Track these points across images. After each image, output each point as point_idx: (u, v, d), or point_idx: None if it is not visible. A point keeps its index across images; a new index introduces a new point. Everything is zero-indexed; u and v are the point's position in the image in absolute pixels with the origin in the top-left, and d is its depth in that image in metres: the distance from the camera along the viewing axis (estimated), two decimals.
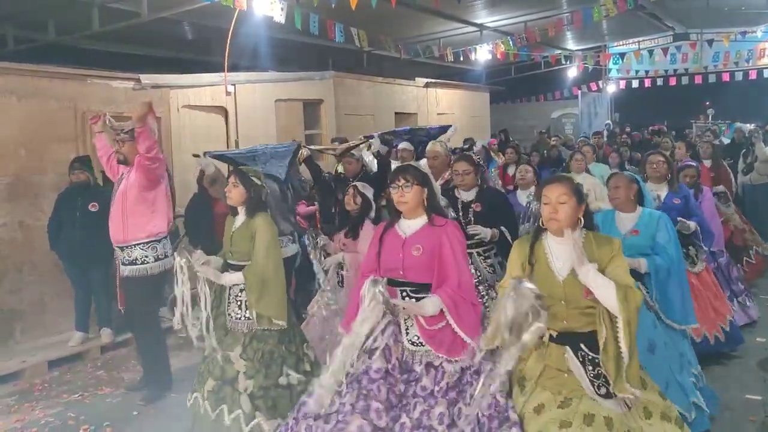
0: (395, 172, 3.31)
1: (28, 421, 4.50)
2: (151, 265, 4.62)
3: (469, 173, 4.54)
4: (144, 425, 4.36)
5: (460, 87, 14.38)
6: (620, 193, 4.00)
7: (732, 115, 16.33)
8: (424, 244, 3.16)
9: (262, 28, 8.71)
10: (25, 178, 6.09)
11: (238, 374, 3.71)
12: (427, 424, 3.01)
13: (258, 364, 3.73)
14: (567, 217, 2.84)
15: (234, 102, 8.25)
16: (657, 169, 4.93)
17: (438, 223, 3.22)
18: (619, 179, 4.08)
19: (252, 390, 3.68)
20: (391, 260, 3.21)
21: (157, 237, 4.66)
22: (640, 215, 3.98)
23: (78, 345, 5.84)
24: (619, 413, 2.74)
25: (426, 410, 3.03)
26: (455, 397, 3.06)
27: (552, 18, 11.62)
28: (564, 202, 2.84)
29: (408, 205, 3.22)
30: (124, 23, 7.82)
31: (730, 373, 4.86)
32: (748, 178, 9.42)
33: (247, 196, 3.88)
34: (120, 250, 4.67)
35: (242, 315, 3.78)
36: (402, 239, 3.22)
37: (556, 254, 2.88)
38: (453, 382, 3.08)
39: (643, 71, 18.62)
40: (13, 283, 5.98)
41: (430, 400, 3.05)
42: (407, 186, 3.20)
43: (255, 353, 3.75)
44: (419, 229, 3.22)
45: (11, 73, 6.04)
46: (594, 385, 2.77)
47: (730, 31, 14.75)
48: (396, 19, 10.38)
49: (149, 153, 4.51)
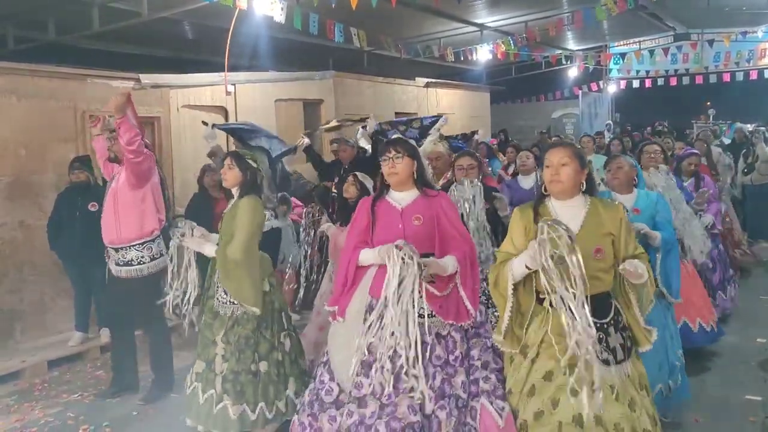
0: (385, 144, 3.34)
1: (27, 421, 4.49)
2: (147, 265, 4.59)
3: (474, 168, 4.53)
4: (143, 425, 4.36)
5: (461, 87, 14.37)
6: (621, 174, 4.02)
7: (733, 116, 16.33)
8: (423, 214, 3.19)
9: (262, 28, 8.71)
10: (25, 178, 6.09)
11: (215, 356, 3.76)
12: (452, 393, 3.06)
13: (234, 348, 3.74)
14: (569, 178, 2.84)
15: (234, 102, 8.25)
16: (654, 158, 4.99)
17: (431, 194, 3.27)
18: (622, 161, 4.10)
19: (225, 373, 3.71)
20: (390, 231, 3.18)
21: (151, 237, 4.61)
22: (637, 196, 4.03)
23: (78, 345, 5.83)
24: (618, 382, 2.78)
25: (446, 379, 3.07)
26: (470, 364, 3.14)
27: (553, 18, 11.61)
28: (566, 164, 2.85)
29: (399, 176, 3.24)
30: (125, 23, 7.82)
31: (730, 374, 4.85)
32: (749, 178, 9.42)
33: (242, 179, 3.88)
34: (114, 251, 4.62)
35: (227, 299, 3.79)
36: (399, 210, 3.23)
37: (561, 215, 2.84)
38: (465, 350, 3.15)
39: (644, 71, 18.60)
40: (13, 282, 5.98)
41: (448, 368, 3.10)
42: (398, 157, 3.22)
43: (234, 337, 3.76)
44: (414, 200, 3.25)
45: (11, 73, 6.03)
46: (595, 351, 2.72)
47: (731, 31, 14.73)
48: (396, 18, 10.37)
49: (131, 145, 4.34)
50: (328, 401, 3.13)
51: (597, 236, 2.81)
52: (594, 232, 2.81)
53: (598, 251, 2.78)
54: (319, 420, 3.09)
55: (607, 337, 2.79)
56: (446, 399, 3.03)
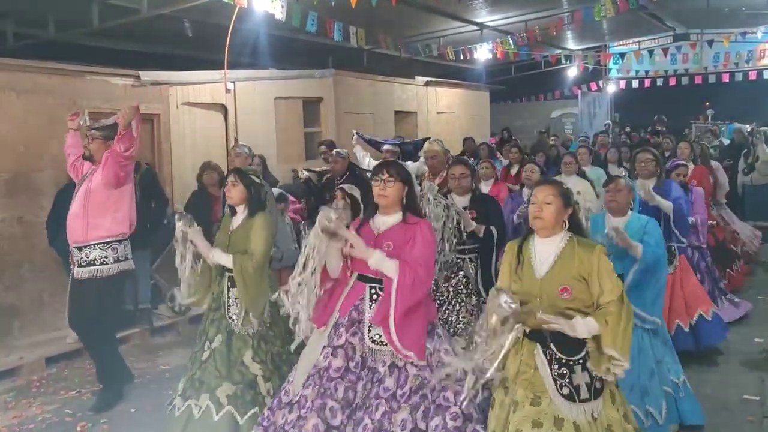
0: (379, 166, 3.31)
1: (25, 418, 4.49)
2: (109, 266, 4.48)
3: (466, 177, 4.53)
4: (140, 422, 4.36)
5: (460, 86, 14.37)
6: (620, 197, 4.04)
7: (732, 116, 16.33)
8: (395, 241, 3.16)
9: (262, 26, 8.70)
10: (25, 175, 6.08)
11: (256, 378, 3.71)
12: (390, 430, 2.99)
13: (272, 366, 3.76)
14: (551, 217, 2.90)
15: (234, 99, 8.24)
16: (646, 167, 5.04)
17: (411, 221, 3.21)
18: (621, 184, 4.11)
19: (274, 392, 3.65)
20: None
21: (117, 237, 4.53)
22: (629, 219, 4.03)
23: (76, 342, 5.78)
24: (584, 421, 2.77)
25: (387, 413, 3.01)
26: (418, 401, 3.04)
27: (552, 17, 11.61)
28: (549, 202, 2.91)
29: (387, 200, 3.21)
30: (124, 20, 7.80)
31: (729, 374, 4.87)
32: (749, 178, 9.43)
33: (246, 195, 3.88)
34: (78, 251, 4.49)
35: (242, 315, 3.79)
36: (374, 235, 3.22)
37: (538, 253, 2.94)
38: (416, 386, 3.07)
39: (643, 71, 18.61)
40: (12, 279, 5.97)
41: (392, 403, 3.04)
42: (390, 181, 3.19)
43: (266, 355, 3.77)
44: (392, 226, 3.23)
45: (11, 70, 6.03)
46: (556, 384, 2.80)
47: (730, 31, 14.73)
48: (396, 17, 10.35)
49: (126, 152, 4.40)
50: (285, 401, 3.27)
51: (565, 277, 2.83)
52: (562, 273, 2.85)
53: (564, 290, 2.81)
54: (275, 415, 3.26)
55: (571, 374, 2.81)
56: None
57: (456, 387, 3.06)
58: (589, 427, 2.77)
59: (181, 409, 3.72)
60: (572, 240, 2.93)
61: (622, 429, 2.85)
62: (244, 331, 3.78)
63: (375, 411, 3.02)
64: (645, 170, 5.02)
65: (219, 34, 7.74)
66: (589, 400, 2.81)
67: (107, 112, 6.57)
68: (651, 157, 5.07)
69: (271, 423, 3.26)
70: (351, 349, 3.17)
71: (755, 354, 5.24)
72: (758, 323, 5.93)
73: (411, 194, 3.26)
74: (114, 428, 4.29)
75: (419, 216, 3.31)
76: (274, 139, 8.77)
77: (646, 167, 5.02)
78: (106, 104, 6.69)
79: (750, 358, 5.14)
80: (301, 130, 9.46)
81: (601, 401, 2.84)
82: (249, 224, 3.84)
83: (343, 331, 3.20)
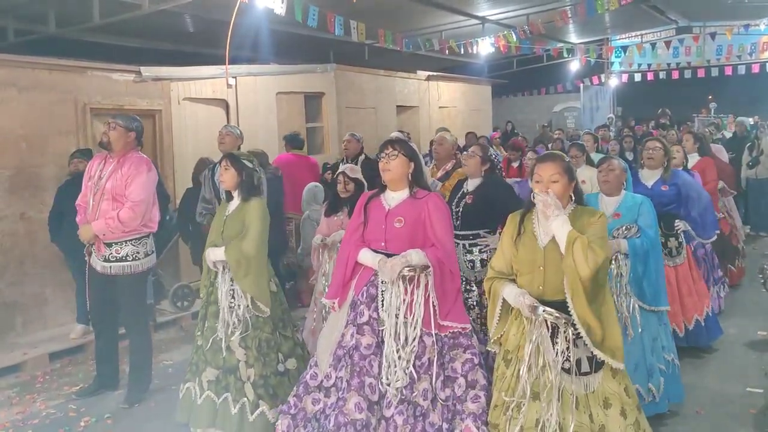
0: (385, 143, 3.41)
1: (29, 413, 4.50)
2: (141, 262, 4.47)
3: (474, 157, 4.50)
4: (145, 417, 4.36)
5: (462, 80, 14.33)
6: (612, 176, 4.02)
7: (734, 109, 16.26)
8: (406, 216, 3.25)
9: (263, 21, 8.69)
10: (26, 171, 6.08)
11: (238, 363, 3.75)
12: (413, 400, 3.11)
13: (257, 353, 3.76)
14: (559, 196, 2.91)
15: (235, 94, 8.23)
16: (653, 155, 4.94)
17: (420, 195, 3.30)
18: (614, 163, 4.09)
19: (254, 379, 3.71)
20: (374, 231, 3.30)
21: (146, 234, 4.51)
22: (623, 199, 4.03)
23: (79, 337, 5.84)
24: (582, 394, 2.82)
25: (409, 383, 3.12)
26: (438, 371, 3.16)
27: (555, 10, 11.56)
28: (556, 181, 2.92)
29: (391, 174, 3.29)
30: (125, 15, 7.80)
31: (731, 365, 4.86)
32: (753, 171, 9.38)
33: (239, 180, 3.89)
34: (107, 247, 4.41)
35: (236, 303, 3.79)
36: (385, 211, 3.30)
37: (542, 224, 2.96)
38: (436, 358, 3.16)
39: (646, 64, 18.54)
40: (15, 275, 5.98)
41: (412, 374, 3.14)
42: (393, 155, 3.28)
43: (252, 341, 3.77)
44: (402, 201, 3.31)
45: (12, 66, 6.02)
46: (558, 357, 2.82)
47: (733, 24, 14.68)
48: (398, 11, 10.34)
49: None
50: (312, 385, 3.31)
51: None
52: None
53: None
54: (303, 401, 3.29)
55: (573, 347, 2.83)
56: (405, 405, 3.09)
57: (465, 356, 3.21)
58: (585, 399, 2.83)
59: (182, 392, 3.91)
60: (576, 209, 2.97)
61: (621, 401, 2.87)
62: (233, 317, 3.76)
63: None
64: (652, 159, 4.94)
65: (220, 29, 7.74)
66: (590, 373, 2.84)
67: (108, 108, 6.61)
68: (660, 146, 4.98)
69: (299, 410, 3.29)
70: (377, 324, 3.25)
71: (758, 346, 5.23)
72: (761, 316, 5.92)
73: (417, 170, 3.33)
74: (117, 423, 4.29)
75: (428, 190, 3.39)
76: (275, 134, 8.75)
77: (653, 156, 4.93)
78: (107, 100, 6.69)
79: (753, 351, 5.14)
80: (302, 125, 9.44)
81: (602, 374, 2.87)
82: (244, 209, 3.85)
83: (364, 308, 3.26)
